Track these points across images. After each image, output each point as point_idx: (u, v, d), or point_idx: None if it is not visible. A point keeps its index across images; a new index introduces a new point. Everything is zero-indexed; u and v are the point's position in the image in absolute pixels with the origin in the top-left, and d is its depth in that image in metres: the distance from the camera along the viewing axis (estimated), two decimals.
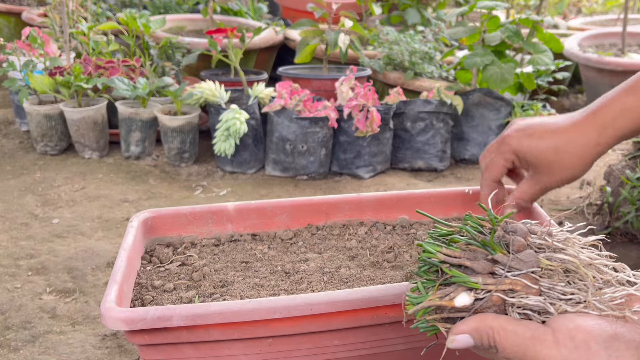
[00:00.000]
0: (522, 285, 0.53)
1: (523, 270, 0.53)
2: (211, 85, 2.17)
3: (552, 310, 0.52)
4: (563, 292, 0.53)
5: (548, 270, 0.54)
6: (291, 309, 0.78)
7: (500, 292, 0.52)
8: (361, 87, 2.12)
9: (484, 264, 0.54)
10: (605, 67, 2.70)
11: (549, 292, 0.53)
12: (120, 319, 0.76)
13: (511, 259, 0.54)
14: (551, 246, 0.55)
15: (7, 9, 3.40)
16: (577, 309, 0.52)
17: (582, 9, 4.86)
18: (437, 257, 0.56)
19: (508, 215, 0.58)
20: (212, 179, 2.13)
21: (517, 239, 0.55)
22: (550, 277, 0.53)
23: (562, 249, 0.56)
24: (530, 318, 0.53)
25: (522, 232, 0.56)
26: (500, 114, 2.29)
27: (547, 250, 0.55)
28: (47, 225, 1.73)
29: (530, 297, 0.52)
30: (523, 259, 0.54)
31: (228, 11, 3.38)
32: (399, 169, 2.26)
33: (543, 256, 0.54)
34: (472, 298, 0.53)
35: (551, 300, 0.52)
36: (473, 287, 0.53)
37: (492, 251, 0.55)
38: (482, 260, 0.55)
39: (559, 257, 0.54)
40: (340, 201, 1.12)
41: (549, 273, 0.54)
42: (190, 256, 1.02)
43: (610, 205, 1.62)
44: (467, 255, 0.55)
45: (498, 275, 0.54)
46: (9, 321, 1.27)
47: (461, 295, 0.53)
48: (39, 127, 2.21)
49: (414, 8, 3.11)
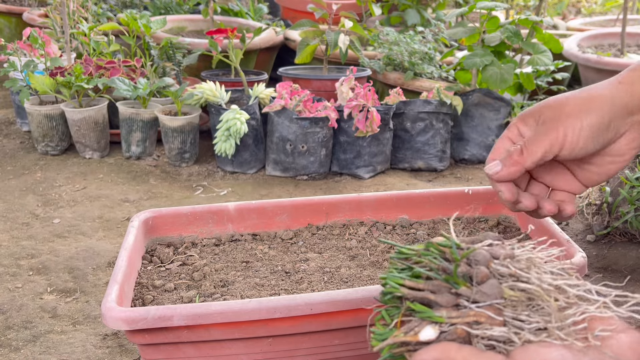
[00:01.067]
0: (486, 317, 0.53)
1: (487, 302, 0.53)
2: (212, 85, 2.18)
3: (516, 339, 0.52)
4: (527, 320, 0.53)
5: (511, 301, 0.54)
6: (291, 308, 0.79)
7: (465, 325, 0.53)
8: (361, 88, 2.13)
9: (448, 298, 0.54)
10: (604, 67, 2.70)
11: (513, 321, 0.53)
12: (121, 318, 0.77)
13: (475, 292, 0.54)
14: (514, 274, 0.55)
15: (8, 9, 3.40)
16: (540, 338, 0.52)
17: (581, 10, 4.86)
18: (401, 292, 0.56)
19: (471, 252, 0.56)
20: (213, 179, 2.14)
21: (480, 270, 0.55)
22: (514, 307, 0.54)
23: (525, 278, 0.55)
24: (495, 347, 0.53)
25: (485, 260, 0.56)
26: (500, 114, 2.29)
27: (509, 280, 0.55)
28: (48, 225, 1.73)
29: (495, 329, 0.52)
30: (486, 292, 0.54)
31: (228, 12, 3.38)
32: (399, 169, 2.27)
33: (506, 285, 0.55)
34: (437, 332, 0.53)
35: (515, 329, 0.53)
36: (438, 321, 0.53)
37: (456, 285, 0.55)
38: (446, 293, 0.55)
39: (521, 286, 0.54)
40: (340, 201, 1.13)
41: (512, 303, 0.54)
42: (190, 256, 1.03)
43: (610, 205, 1.63)
44: (431, 287, 0.55)
45: (462, 307, 0.54)
46: (9, 321, 1.28)
47: (426, 329, 0.53)
48: (40, 128, 2.22)
49: (413, 9, 3.11)
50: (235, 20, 3.25)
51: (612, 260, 1.54)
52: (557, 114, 0.72)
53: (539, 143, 0.72)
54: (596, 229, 1.64)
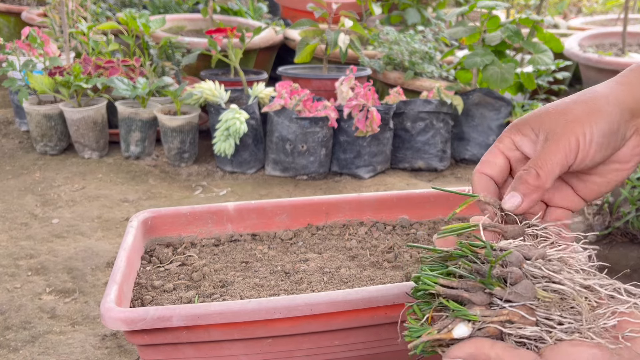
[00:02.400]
0: (519, 316, 0.53)
1: (520, 302, 0.54)
2: (211, 85, 2.17)
3: (548, 338, 0.53)
4: (559, 321, 0.53)
5: (544, 301, 0.54)
6: (291, 309, 0.78)
7: (498, 324, 0.53)
8: (361, 87, 2.12)
9: (482, 297, 0.55)
10: (605, 66, 2.70)
11: (545, 321, 0.53)
12: (120, 319, 0.76)
13: (508, 293, 0.54)
14: (547, 276, 0.55)
15: (7, 8, 3.40)
16: (572, 337, 0.52)
17: (582, 9, 4.86)
18: (436, 290, 0.56)
19: (506, 255, 0.56)
20: (212, 179, 2.13)
21: (513, 271, 0.55)
22: (547, 307, 0.54)
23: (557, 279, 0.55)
24: (526, 344, 0.53)
25: (517, 261, 0.56)
26: (501, 113, 2.28)
27: (542, 281, 0.56)
28: (46, 225, 1.72)
29: (527, 328, 0.53)
30: (520, 292, 0.54)
31: (228, 11, 3.38)
32: (399, 169, 2.26)
33: (539, 286, 0.55)
34: (470, 329, 0.53)
35: (547, 328, 0.53)
36: (472, 319, 0.54)
37: (490, 286, 0.55)
38: (480, 292, 0.55)
39: (554, 287, 0.55)
40: (340, 201, 1.12)
41: (545, 304, 0.54)
42: (190, 256, 1.02)
43: (611, 205, 1.62)
44: (464, 286, 0.56)
45: (495, 305, 0.54)
46: (8, 321, 1.27)
47: (459, 327, 0.54)
48: (38, 127, 2.21)
49: (414, 8, 3.11)
50: (235, 19, 3.24)
51: (613, 261, 1.53)
52: (562, 121, 0.64)
53: (553, 158, 0.62)
54: (597, 229, 1.63)
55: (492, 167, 0.68)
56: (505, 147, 0.68)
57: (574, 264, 0.58)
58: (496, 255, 0.57)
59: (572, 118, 0.64)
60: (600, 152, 0.64)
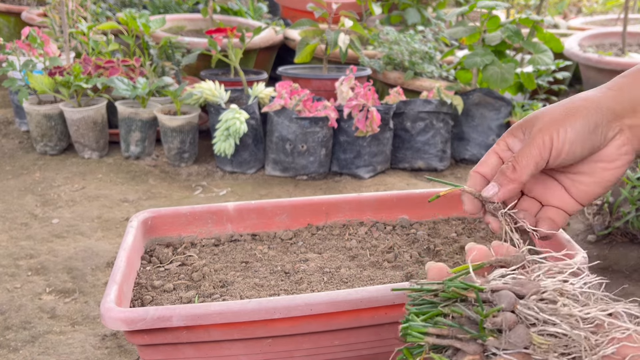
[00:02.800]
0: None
1: (515, 350, 0.52)
2: (211, 85, 2.17)
3: None
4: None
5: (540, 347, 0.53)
6: (291, 309, 0.78)
7: None
8: (361, 87, 2.12)
9: (475, 347, 0.54)
10: (605, 66, 2.70)
11: None
12: (120, 319, 0.76)
13: (502, 342, 0.52)
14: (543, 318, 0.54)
15: (7, 8, 3.40)
16: None
17: (582, 9, 4.86)
18: (426, 342, 0.55)
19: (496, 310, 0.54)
20: (212, 179, 2.13)
21: (507, 317, 0.53)
22: (544, 351, 0.53)
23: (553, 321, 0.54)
24: None
25: (510, 304, 0.55)
26: (501, 113, 2.28)
27: (538, 324, 0.54)
28: (46, 225, 1.72)
29: None
30: (514, 341, 0.53)
31: (228, 11, 3.38)
32: (399, 169, 2.26)
33: (534, 331, 0.53)
34: None
35: None
36: None
37: (483, 338, 0.53)
38: (472, 342, 0.54)
39: (551, 330, 0.53)
40: (340, 201, 1.12)
41: (542, 348, 0.53)
42: (190, 256, 1.02)
43: (611, 205, 1.62)
44: (457, 334, 0.54)
45: (489, 353, 0.53)
46: (8, 321, 1.27)
47: None
48: (38, 127, 2.21)
49: (414, 8, 3.11)
50: (235, 19, 3.24)
51: (613, 261, 1.53)
52: (541, 122, 0.70)
53: (527, 154, 0.69)
54: (597, 229, 1.63)
55: (486, 166, 0.74)
56: (499, 149, 0.74)
57: (570, 289, 0.56)
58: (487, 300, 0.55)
59: (550, 119, 0.70)
60: (578, 147, 0.69)
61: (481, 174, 0.74)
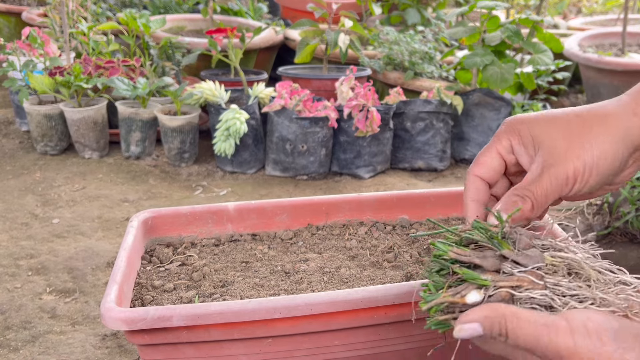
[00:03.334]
0: (528, 281, 0.55)
1: (529, 267, 0.56)
2: (211, 85, 2.17)
3: (557, 305, 0.54)
4: (568, 287, 0.55)
5: (552, 266, 0.57)
6: (291, 309, 0.78)
7: (509, 288, 0.55)
8: (361, 87, 2.12)
9: (493, 262, 0.57)
10: (605, 67, 2.70)
11: (554, 288, 0.55)
12: (120, 318, 0.76)
13: (517, 255, 0.56)
14: (555, 246, 0.58)
15: (7, 8, 3.40)
16: (584, 306, 0.54)
17: (582, 9, 4.86)
18: (449, 256, 0.59)
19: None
20: (212, 179, 2.13)
21: (523, 237, 0.58)
22: (555, 273, 0.56)
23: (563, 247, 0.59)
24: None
25: (527, 234, 0.59)
26: (500, 114, 2.28)
27: (550, 249, 0.58)
28: (47, 225, 1.72)
29: (537, 291, 0.55)
30: (529, 254, 0.57)
31: (228, 11, 3.38)
32: (399, 169, 2.26)
33: (547, 254, 0.57)
34: (483, 295, 0.55)
35: (556, 296, 0.55)
36: (483, 285, 0.56)
37: (500, 247, 0.58)
38: (491, 258, 0.58)
39: (562, 255, 0.57)
40: (340, 201, 1.12)
41: (553, 269, 0.56)
42: (190, 256, 1.02)
43: (610, 205, 1.62)
44: (476, 254, 0.58)
45: (505, 272, 0.57)
46: (9, 321, 1.27)
47: (472, 292, 0.55)
48: (39, 127, 2.21)
49: (414, 8, 3.11)
50: (235, 19, 3.24)
51: (612, 261, 1.53)
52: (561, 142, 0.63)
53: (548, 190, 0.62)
54: (597, 229, 1.64)
55: (487, 169, 0.68)
56: (502, 149, 0.67)
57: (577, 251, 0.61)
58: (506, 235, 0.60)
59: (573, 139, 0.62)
60: (600, 181, 0.64)
61: (481, 178, 0.68)
